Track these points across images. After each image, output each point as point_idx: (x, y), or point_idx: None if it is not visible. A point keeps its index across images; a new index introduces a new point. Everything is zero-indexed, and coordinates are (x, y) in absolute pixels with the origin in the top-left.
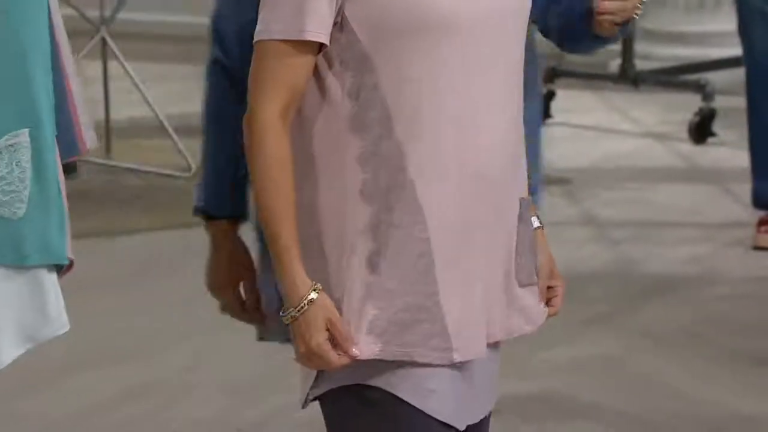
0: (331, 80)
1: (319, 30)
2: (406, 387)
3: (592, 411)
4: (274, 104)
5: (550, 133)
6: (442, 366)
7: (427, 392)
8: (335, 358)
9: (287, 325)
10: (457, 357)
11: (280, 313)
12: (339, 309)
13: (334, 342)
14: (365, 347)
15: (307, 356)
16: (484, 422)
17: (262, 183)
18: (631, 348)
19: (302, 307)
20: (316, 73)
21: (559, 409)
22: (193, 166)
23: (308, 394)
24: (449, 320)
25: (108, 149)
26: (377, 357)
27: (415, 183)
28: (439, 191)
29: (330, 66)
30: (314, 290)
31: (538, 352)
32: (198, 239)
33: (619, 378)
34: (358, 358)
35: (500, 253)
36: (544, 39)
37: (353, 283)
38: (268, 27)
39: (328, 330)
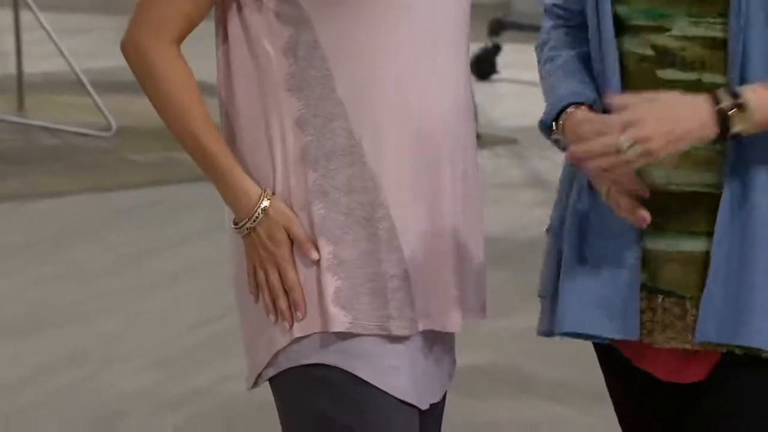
0: (264, 34)
1: None
2: (364, 366)
3: (533, 383)
4: (167, 32)
5: (495, 89)
6: (402, 343)
7: (387, 370)
8: (293, 275)
9: (243, 237)
10: (435, 326)
11: (234, 226)
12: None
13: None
14: (333, 320)
15: (264, 267)
16: (439, 401)
17: (174, 110)
18: None
19: (257, 216)
20: (246, 28)
21: (501, 382)
22: (114, 125)
23: (260, 374)
24: (421, 288)
25: (20, 106)
26: (348, 330)
27: (362, 144)
28: (390, 153)
29: (265, 19)
30: (266, 198)
31: (479, 324)
32: (123, 202)
33: (561, 349)
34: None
35: (468, 223)
36: None
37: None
38: None
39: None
